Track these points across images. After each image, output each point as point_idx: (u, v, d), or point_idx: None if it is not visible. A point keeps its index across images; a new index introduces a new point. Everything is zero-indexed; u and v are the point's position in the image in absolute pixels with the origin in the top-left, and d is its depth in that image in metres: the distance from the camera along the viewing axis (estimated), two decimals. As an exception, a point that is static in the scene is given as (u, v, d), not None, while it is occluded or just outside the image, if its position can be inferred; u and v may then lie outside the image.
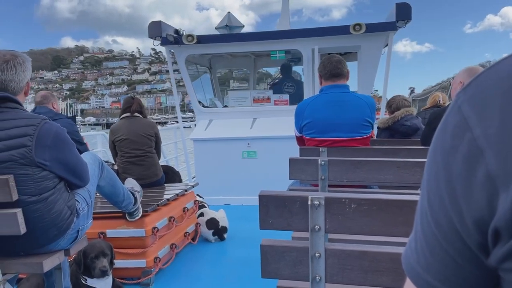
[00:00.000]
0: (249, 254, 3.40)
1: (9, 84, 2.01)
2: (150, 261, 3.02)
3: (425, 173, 0.50)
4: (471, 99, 0.44)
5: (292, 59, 6.54)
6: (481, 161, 0.41)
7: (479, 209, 0.42)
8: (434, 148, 0.49)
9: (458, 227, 0.44)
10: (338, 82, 2.85)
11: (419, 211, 0.51)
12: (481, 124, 0.42)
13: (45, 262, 2.04)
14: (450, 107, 0.47)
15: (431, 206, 0.48)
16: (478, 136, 0.42)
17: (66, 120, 3.71)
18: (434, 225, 0.47)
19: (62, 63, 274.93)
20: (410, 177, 2.06)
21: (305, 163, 2.24)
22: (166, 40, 5.58)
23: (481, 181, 0.41)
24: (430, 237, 0.48)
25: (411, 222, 1.20)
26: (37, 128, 1.93)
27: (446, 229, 0.46)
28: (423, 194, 0.50)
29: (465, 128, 0.43)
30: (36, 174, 1.94)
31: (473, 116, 0.43)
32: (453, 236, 0.45)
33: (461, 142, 0.43)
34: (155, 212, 3.22)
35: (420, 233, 0.51)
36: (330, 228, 1.24)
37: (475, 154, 0.42)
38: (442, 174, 0.46)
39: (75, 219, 2.16)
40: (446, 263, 0.48)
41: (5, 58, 2.01)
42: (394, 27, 5.22)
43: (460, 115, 0.44)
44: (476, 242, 0.44)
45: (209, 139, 5.61)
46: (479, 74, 0.45)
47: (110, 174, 2.55)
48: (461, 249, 0.46)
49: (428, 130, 3.02)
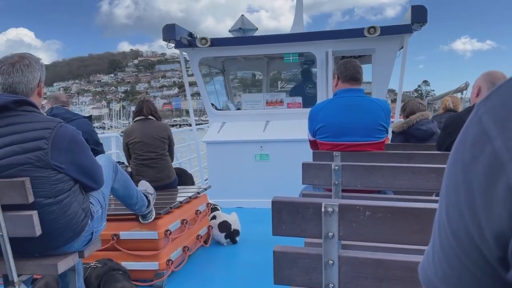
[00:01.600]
0: (261, 258, 3.39)
1: (17, 86, 2.02)
2: (163, 263, 3.03)
3: (443, 185, 0.49)
4: (492, 110, 0.43)
5: (305, 62, 6.53)
6: (502, 174, 0.40)
7: (500, 223, 0.41)
8: (453, 159, 0.48)
9: (477, 240, 0.43)
10: (354, 86, 2.84)
11: (437, 223, 0.50)
12: (502, 136, 0.41)
13: (60, 263, 2.06)
14: (470, 118, 0.46)
15: (449, 218, 0.47)
16: (499, 148, 0.41)
17: (84, 120, 3.75)
18: (453, 238, 0.46)
19: (118, 67, 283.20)
20: (425, 183, 2.03)
21: (318, 168, 2.23)
22: (180, 43, 5.61)
23: (501, 194, 0.40)
24: (448, 249, 0.47)
25: (427, 231, 1.18)
26: (53, 131, 1.96)
27: (464, 243, 0.45)
28: (441, 206, 0.49)
29: (485, 140, 0.42)
30: (51, 176, 1.96)
31: (494, 128, 0.42)
32: (472, 249, 0.44)
33: (481, 154, 0.42)
34: (168, 215, 3.23)
35: (438, 245, 0.50)
36: (343, 235, 1.23)
37: (495, 166, 0.41)
38: (461, 186, 0.45)
39: (90, 222, 2.17)
40: (464, 276, 0.47)
41: (11, 61, 2.03)
42: (410, 29, 5.17)
43: (480, 127, 0.43)
44: (495, 256, 0.43)
45: (222, 141, 5.63)
46: (500, 84, 0.44)
47: (124, 176, 2.57)
48: (480, 263, 0.45)
49: (444, 134, 2.97)
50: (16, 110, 1.97)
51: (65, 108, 3.73)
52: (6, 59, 2.04)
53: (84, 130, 3.59)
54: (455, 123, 2.87)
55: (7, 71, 2.01)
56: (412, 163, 2.24)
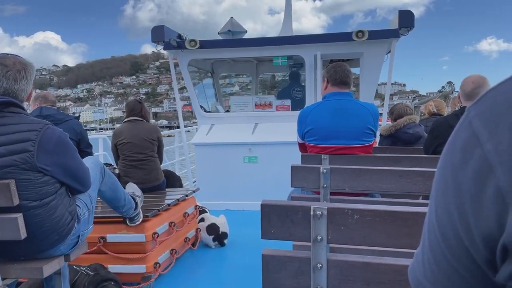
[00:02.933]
0: (250, 261, 3.38)
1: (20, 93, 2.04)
2: (150, 266, 3.00)
3: (433, 187, 0.50)
4: (482, 114, 0.44)
5: (294, 65, 6.55)
6: (491, 177, 0.41)
7: (488, 226, 0.41)
8: (443, 162, 0.48)
9: (466, 243, 0.44)
10: (343, 89, 2.86)
11: (427, 225, 0.51)
12: (492, 140, 0.41)
13: (45, 267, 2.03)
14: (461, 122, 0.46)
15: (439, 221, 0.47)
16: (488, 152, 0.41)
17: (75, 121, 3.70)
18: (442, 240, 0.47)
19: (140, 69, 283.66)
20: (412, 186, 2.05)
21: (307, 171, 2.23)
22: (169, 44, 5.59)
23: (490, 197, 0.41)
24: (438, 252, 0.48)
25: (416, 234, 1.19)
26: (40, 133, 1.93)
27: (454, 245, 0.46)
28: (431, 209, 0.50)
29: (475, 143, 0.43)
30: (37, 179, 1.93)
31: (484, 132, 0.42)
32: (461, 251, 0.45)
33: (471, 158, 0.43)
34: (156, 217, 3.21)
35: (428, 247, 0.50)
36: (332, 239, 1.23)
37: (485, 170, 0.41)
38: (451, 189, 0.45)
39: (76, 225, 2.15)
40: (453, 278, 0.47)
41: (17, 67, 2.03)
42: (397, 34, 5.23)
43: (470, 130, 0.44)
44: (484, 258, 0.43)
45: (211, 143, 5.61)
46: (491, 88, 0.45)
47: (111, 179, 2.54)
48: (468, 265, 0.45)
49: (431, 138, 3.01)
50: (2, 112, 1.95)
51: (55, 108, 3.65)
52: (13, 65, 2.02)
53: (78, 132, 3.58)
54: (441, 126, 2.91)
55: (13, 77, 2.01)
56: (399, 167, 2.26)
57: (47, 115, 3.35)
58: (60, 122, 3.42)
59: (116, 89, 58.94)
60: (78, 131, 3.58)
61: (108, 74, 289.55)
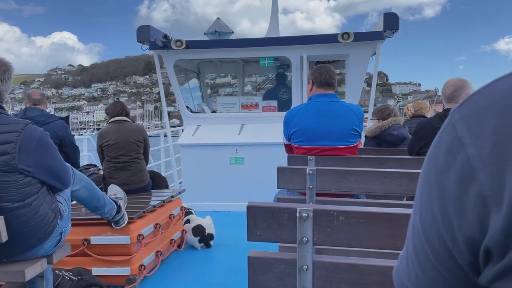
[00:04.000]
0: (235, 262, 3.38)
1: (4, 94, 2.02)
2: (135, 268, 2.98)
3: (417, 190, 0.50)
4: (466, 118, 0.44)
5: (281, 66, 6.57)
6: (474, 181, 0.41)
7: (471, 228, 0.42)
8: (427, 165, 0.48)
9: (450, 245, 0.44)
10: (329, 91, 2.88)
11: (411, 228, 0.51)
12: (475, 143, 0.42)
13: (27, 270, 1.99)
14: (445, 125, 0.47)
15: (423, 223, 0.48)
16: (472, 156, 0.42)
17: (60, 122, 3.60)
18: (426, 243, 0.47)
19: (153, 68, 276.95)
20: (397, 187, 2.08)
21: (293, 172, 2.24)
22: (155, 44, 5.55)
23: (473, 201, 0.41)
24: (422, 254, 0.48)
25: (400, 236, 1.20)
26: (21, 134, 1.91)
27: (437, 247, 0.46)
28: (416, 211, 0.50)
29: (459, 147, 0.43)
30: (19, 180, 1.91)
31: (467, 135, 0.43)
32: (444, 254, 0.45)
33: (454, 161, 0.43)
34: (141, 219, 3.18)
35: (412, 250, 0.51)
36: (318, 241, 1.24)
37: (468, 173, 0.42)
38: (435, 192, 0.46)
39: (59, 221, 2.14)
40: (436, 280, 0.48)
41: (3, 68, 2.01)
42: (382, 36, 5.29)
43: (454, 134, 0.44)
44: (467, 261, 0.44)
45: (197, 144, 5.59)
46: (474, 92, 0.45)
47: (83, 178, 2.50)
48: (452, 268, 0.46)
49: (415, 139, 3.05)
50: None
51: (40, 109, 3.52)
52: None
53: (60, 135, 3.47)
54: (425, 128, 2.96)
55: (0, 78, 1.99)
56: (384, 168, 2.29)
57: (28, 117, 3.27)
58: (41, 124, 3.35)
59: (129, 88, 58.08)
60: (61, 134, 3.48)
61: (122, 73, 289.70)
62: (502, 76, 0.44)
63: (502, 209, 0.39)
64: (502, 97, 0.42)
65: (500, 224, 0.39)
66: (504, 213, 0.38)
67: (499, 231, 0.39)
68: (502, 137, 0.40)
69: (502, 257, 0.39)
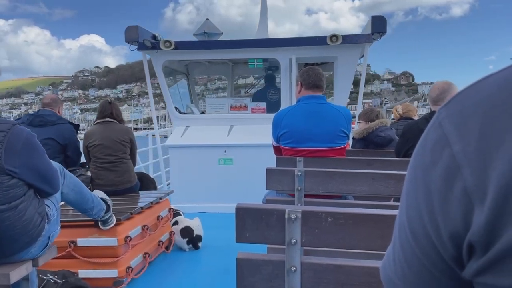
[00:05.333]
0: (224, 264, 3.37)
1: None
2: (122, 270, 2.95)
3: (404, 187, 0.51)
4: (452, 116, 0.45)
5: (270, 68, 6.58)
6: (458, 177, 0.42)
7: (455, 224, 0.43)
8: (414, 162, 0.49)
9: (435, 240, 0.45)
10: (317, 93, 2.90)
11: (398, 223, 0.52)
12: (460, 141, 0.43)
13: (12, 273, 1.97)
14: (431, 123, 0.48)
15: (409, 219, 0.49)
16: (457, 153, 0.43)
17: (69, 125, 3.74)
18: (412, 238, 0.48)
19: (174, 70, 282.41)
20: (384, 189, 2.10)
21: (281, 174, 2.25)
22: (143, 45, 5.52)
23: (457, 197, 0.42)
24: (408, 249, 0.49)
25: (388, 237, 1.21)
26: (7, 134, 1.87)
27: (423, 242, 0.47)
28: (402, 208, 0.51)
29: (445, 144, 0.44)
30: (5, 182, 1.87)
31: (453, 133, 0.44)
32: (429, 249, 0.46)
33: (440, 158, 0.44)
34: (128, 221, 3.16)
35: (398, 245, 0.52)
36: (306, 242, 1.24)
37: (453, 170, 0.43)
38: (421, 188, 0.47)
39: (46, 225, 2.11)
40: (422, 274, 0.49)
41: None
42: (370, 39, 5.33)
43: (440, 131, 0.45)
44: (451, 255, 0.45)
45: (185, 145, 5.56)
46: (461, 91, 0.46)
47: (73, 180, 2.47)
48: (437, 262, 0.47)
49: (402, 141, 3.09)
50: None
51: (51, 110, 3.68)
52: None
53: (66, 137, 3.61)
54: (412, 130, 2.99)
55: None
56: (372, 169, 2.31)
57: (38, 115, 3.45)
58: (50, 124, 3.49)
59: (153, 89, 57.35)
60: (67, 136, 3.65)
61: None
62: (489, 75, 0.45)
63: (485, 205, 0.39)
64: (488, 95, 0.43)
65: (483, 219, 0.40)
66: (487, 209, 0.39)
67: (482, 226, 0.40)
68: (487, 135, 0.41)
69: (485, 252, 0.40)
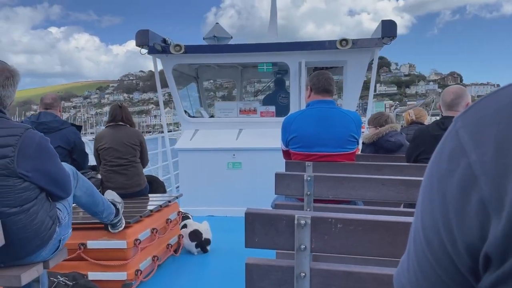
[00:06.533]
0: (232, 267, 3.37)
1: (6, 100, 2.02)
2: (131, 273, 2.97)
3: (420, 195, 0.51)
4: (469, 125, 0.45)
5: (279, 72, 6.58)
6: (475, 187, 0.42)
7: (471, 234, 0.42)
8: (430, 170, 0.49)
9: (450, 250, 0.45)
10: (326, 97, 2.89)
11: (413, 232, 0.52)
12: (477, 150, 0.42)
13: (23, 275, 1.98)
14: (448, 131, 0.48)
15: (424, 228, 0.48)
16: (473, 162, 0.42)
17: (72, 128, 3.73)
18: (427, 248, 0.48)
19: None
20: (394, 194, 2.08)
21: (290, 179, 2.24)
22: (154, 49, 5.56)
23: (474, 207, 0.42)
24: (422, 258, 0.49)
25: (398, 244, 1.21)
26: (20, 138, 1.90)
27: (438, 252, 0.46)
28: (417, 216, 0.51)
29: (461, 153, 0.44)
30: (17, 185, 1.90)
31: (470, 142, 0.43)
32: (444, 259, 0.46)
33: (457, 167, 0.44)
34: (138, 224, 3.17)
35: (413, 254, 0.51)
36: (315, 248, 1.24)
37: (469, 180, 0.42)
38: (436, 197, 0.46)
39: (57, 229, 2.12)
40: (436, 285, 0.48)
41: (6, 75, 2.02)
42: (380, 43, 5.31)
43: (457, 140, 0.45)
44: (467, 266, 0.44)
45: (195, 149, 5.58)
46: (478, 100, 0.46)
47: (86, 183, 2.50)
48: (452, 272, 0.46)
49: (413, 146, 3.06)
50: None
51: (53, 114, 3.64)
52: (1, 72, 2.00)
53: (71, 141, 3.62)
54: (423, 135, 2.97)
55: (2, 83, 1.99)
56: (382, 175, 2.29)
57: (41, 122, 3.41)
58: (53, 131, 3.48)
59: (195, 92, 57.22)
60: (72, 140, 3.65)
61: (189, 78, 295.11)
62: (508, 85, 0.45)
63: (502, 216, 0.39)
64: (505, 105, 0.43)
65: (500, 230, 0.39)
66: (504, 220, 0.39)
67: (499, 237, 0.39)
68: (504, 145, 0.41)
69: (502, 263, 0.40)
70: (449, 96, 2.84)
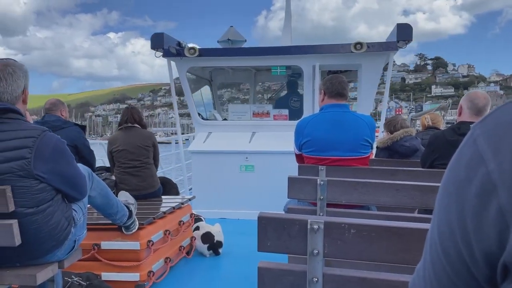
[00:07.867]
0: (244, 271, 3.37)
1: (1, 96, 1.99)
2: (144, 274, 2.98)
3: (437, 202, 0.50)
4: (487, 133, 0.44)
5: (292, 75, 6.58)
6: (493, 196, 0.41)
7: (489, 243, 0.42)
8: (447, 178, 0.49)
9: (467, 259, 0.44)
10: (340, 101, 2.88)
11: (429, 240, 0.52)
12: (495, 159, 0.42)
13: (39, 274, 2.01)
14: (466, 139, 0.47)
15: (441, 236, 0.48)
16: (492, 171, 0.42)
17: (74, 128, 3.80)
18: (443, 256, 0.48)
19: None
20: (409, 200, 2.06)
21: (303, 183, 2.24)
22: (168, 52, 5.61)
23: (492, 216, 0.41)
24: (438, 266, 0.49)
25: (412, 250, 1.19)
26: (37, 140, 1.93)
27: (454, 260, 0.46)
28: (434, 223, 0.50)
29: (479, 161, 0.43)
30: (34, 186, 1.93)
31: (488, 151, 0.43)
32: (461, 267, 0.46)
33: (475, 176, 0.43)
34: (151, 225, 3.20)
35: (429, 262, 0.51)
36: (328, 253, 1.23)
37: (488, 188, 0.42)
38: (454, 206, 0.46)
39: (73, 229, 2.15)
40: None
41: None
42: (395, 47, 5.26)
43: (475, 148, 0.45)
44: (484, 275, 0.44)
45: (208, 151, 5.61)
46: (496, 108, 0.46)
47: (100, 184, 2.52)
48: (468, 281, 0.46)
49: (428, 152, 3.02)
50: (1, 118, 1.94)
51: (56, 115, 3.75)
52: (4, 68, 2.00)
53: (75, 139, 3.68)
54: (439, 140, 2.93)
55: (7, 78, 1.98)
56: (396, 180, 2.27)
57: (45, 121, 3.51)
58: (56, 129, 3.54)
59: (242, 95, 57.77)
60: (74, 137, 3.70)
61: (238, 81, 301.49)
62: None
63: None
64: None
65: None
66: None
67: None
68: None
69: None
70: (482, 101, 2.73)
